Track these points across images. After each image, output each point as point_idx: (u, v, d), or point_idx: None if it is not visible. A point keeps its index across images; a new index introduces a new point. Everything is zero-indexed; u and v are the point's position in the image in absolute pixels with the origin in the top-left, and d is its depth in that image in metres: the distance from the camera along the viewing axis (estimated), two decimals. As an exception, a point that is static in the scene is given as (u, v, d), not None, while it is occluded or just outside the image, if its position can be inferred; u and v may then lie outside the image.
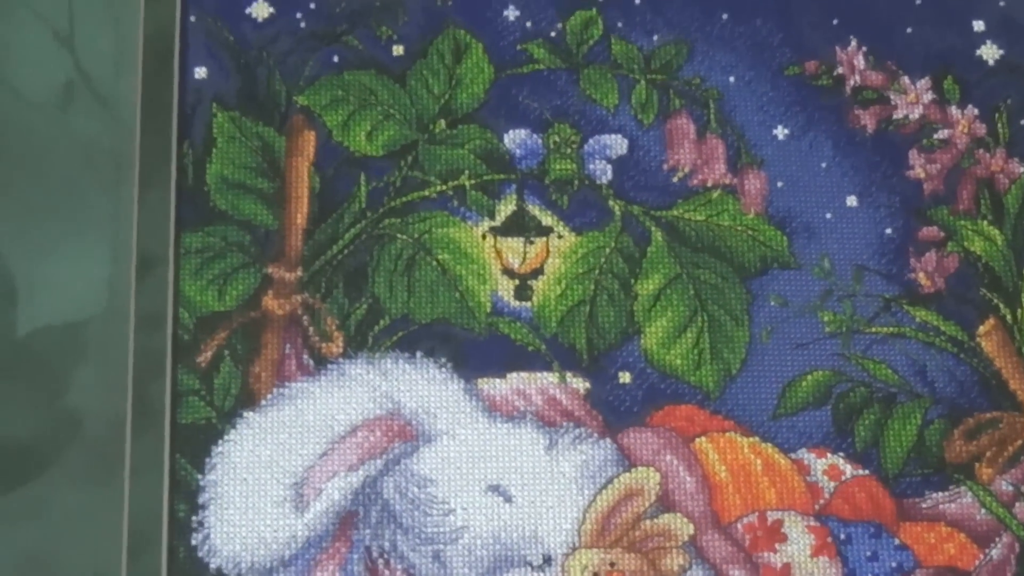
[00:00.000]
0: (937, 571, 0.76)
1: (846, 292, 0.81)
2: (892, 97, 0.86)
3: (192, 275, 0.80)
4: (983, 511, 0.77)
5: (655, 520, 0.76)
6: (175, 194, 0.81)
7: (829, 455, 0.78)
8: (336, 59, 0.85)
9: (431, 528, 0.76)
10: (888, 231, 0.83)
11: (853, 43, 0.88)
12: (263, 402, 0.77)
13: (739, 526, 0.76)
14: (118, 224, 0.82)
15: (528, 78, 0.85)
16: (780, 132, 0.85)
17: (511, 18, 0.87)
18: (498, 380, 0.79)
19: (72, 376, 0.79)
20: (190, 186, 0.81)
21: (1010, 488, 0.77)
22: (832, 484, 0.77)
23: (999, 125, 0.87)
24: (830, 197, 0.84)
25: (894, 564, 0.76)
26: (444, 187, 0.83)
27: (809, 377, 0.79)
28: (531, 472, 0.76)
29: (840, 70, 0.87)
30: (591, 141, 0.84)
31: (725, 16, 0.88)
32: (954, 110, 0.86)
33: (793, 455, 0.78)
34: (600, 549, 0.76)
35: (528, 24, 0.86)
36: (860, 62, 0.87)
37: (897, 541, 0.76)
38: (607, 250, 0.82)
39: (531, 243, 0.82)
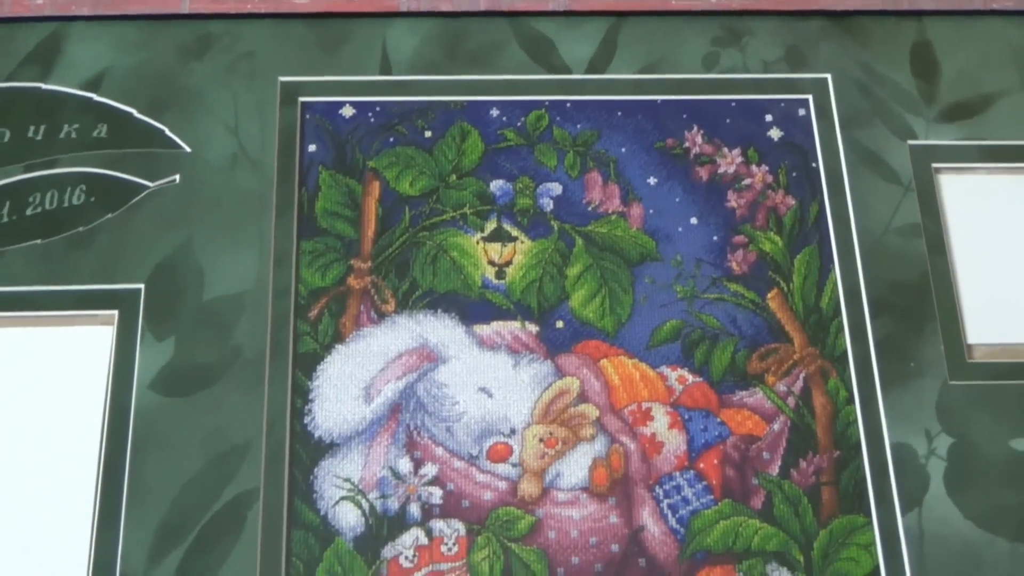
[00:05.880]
0: (742, 437, 0.89)
1: (690, 274, 0.95)
2: (718, 160, 0.99)
3: (307, 266, 0.93)
4: (769, 402, 0.90)
5: (576, 407, 0.89)
6: (296, 219, 0.95)
7: (679, 369, 0.91)
8: (392, 140, 0.98)
9: (445, 413, 0.88)
10: (715, 238, 0.96)
11: (695, 128, 1.00)
12: (347, 339, 0.91)
13: (626, 412, 0.90)
14: (263, 236, 0.93)
15: (504, 151, 0.98)
16: (652, 180, 0.98)
17: (494, 115, 1.00)
18: (485, 326, 0.92)
19: (235, 325, 0.90)
20: (305, 214, 0.95)
21: (784, 389, 0.91)
22: (681, 387, 0.91)
23: (781, 176, 0.99)
24: (681, 218, 0.97)
25: (716, 433, 0.89)
26: (455, 214, 0.96)
27: (668, 324, 0.93)
28: (504, 380, 0.90)
29: (687, 144, 0.99)
30: (541, 187, 0.97)
31: (619, 113, 1.00)
32: (754, 168, 0.99)
33: (658, 370, 0.91)
34: (544, 424, 0.88)
35: (504, 119, 1.00)
36: (698, 140, 0.99)
37: (719, 420, 0.90)
38: (549, 250, 0.95)
39: (505, 246, 0.95)
